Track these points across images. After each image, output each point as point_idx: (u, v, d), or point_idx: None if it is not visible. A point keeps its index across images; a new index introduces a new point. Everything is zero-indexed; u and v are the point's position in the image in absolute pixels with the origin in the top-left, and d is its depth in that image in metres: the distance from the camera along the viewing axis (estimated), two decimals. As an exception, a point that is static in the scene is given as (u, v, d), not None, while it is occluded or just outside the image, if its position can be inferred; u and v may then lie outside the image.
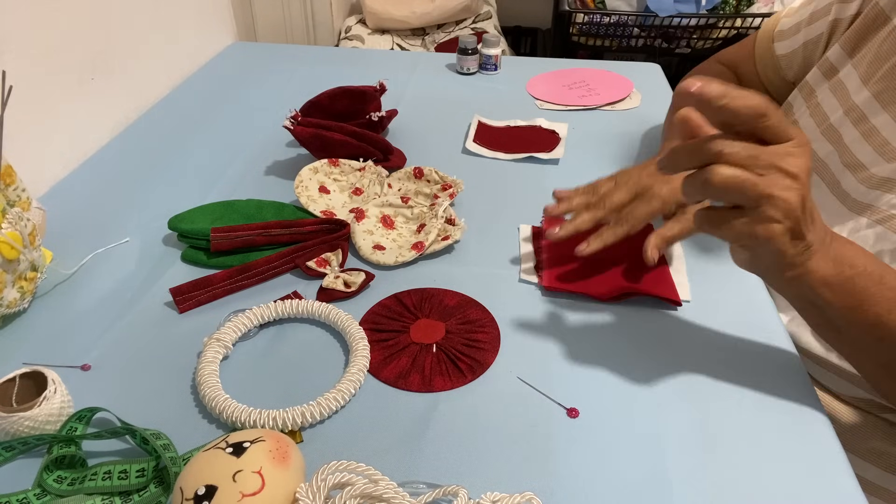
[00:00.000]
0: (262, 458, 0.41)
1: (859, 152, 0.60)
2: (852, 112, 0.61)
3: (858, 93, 0.61)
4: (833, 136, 0.63)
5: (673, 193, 0.62)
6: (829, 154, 0.63)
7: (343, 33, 1.65)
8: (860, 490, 0.48)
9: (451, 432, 0.51)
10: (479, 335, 0.60)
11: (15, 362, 0.56)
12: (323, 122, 0.83)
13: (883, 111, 0.59)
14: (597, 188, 0.66)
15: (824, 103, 0.64)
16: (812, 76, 0.68)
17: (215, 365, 0.55)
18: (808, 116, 0.66)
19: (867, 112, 0.60)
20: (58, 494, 0.46)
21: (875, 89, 0.60)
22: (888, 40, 0.60)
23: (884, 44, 0.60)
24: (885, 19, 0.61)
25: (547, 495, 0.46)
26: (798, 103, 0.69)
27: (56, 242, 0.68)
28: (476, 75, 1.17)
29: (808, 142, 0.42)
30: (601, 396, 0.54)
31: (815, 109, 0.65)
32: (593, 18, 1.64)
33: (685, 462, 0.49)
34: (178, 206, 0.73)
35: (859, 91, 0.61)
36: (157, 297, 0.64)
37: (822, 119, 0.65)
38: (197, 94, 1.08)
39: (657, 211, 0.62)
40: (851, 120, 0.61)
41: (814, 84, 0.68)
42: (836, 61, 0.65)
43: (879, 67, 0.60)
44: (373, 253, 0.69)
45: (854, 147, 0.60)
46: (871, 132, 0.59)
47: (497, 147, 0.92)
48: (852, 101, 0.62)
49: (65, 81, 0.85)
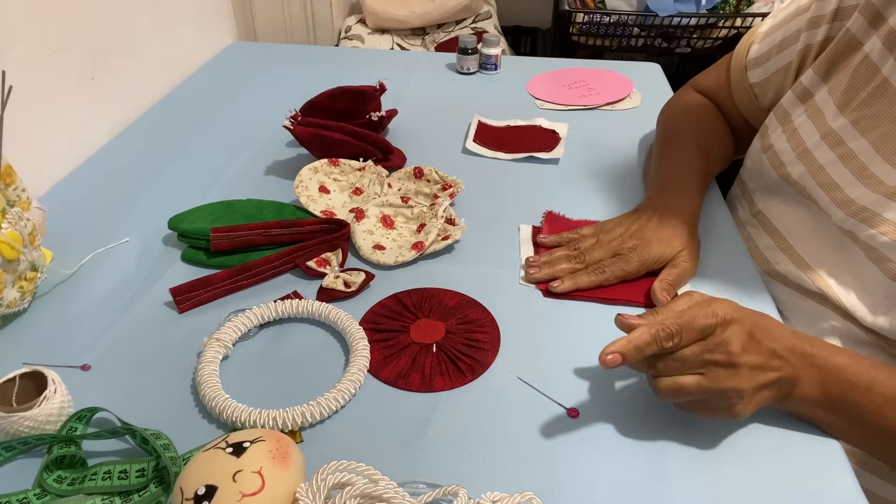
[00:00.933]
0: (262, 458, 0.41)
1: (836, 174, 0.60)
2: (829, 136, 0.62)
3: (835, 119, 0.62)
4: (807, 158, 0.64)
5: (652, 258, 0.65)
6: (802, 175, 0.64)
7: (343, 33, 1.65)
8: (860, 490, 0.48)
9: (451, 432, 0.51)
10: (479, 335, 0.60)
11: (15, 362, 0.56)
12: (323, 121, 0.83)
13: (861, 137, 0.59)
14: (579, 242, 0.69)
15: (801, 129, 0.65)
16: (786, 100, 0.69)
17: (215, 365, 0.55)
18: (784, 141, 0.67)
19: (844, 137, 0.60)
20: (58, 494, 0.46)
21: (852, 117, 0.60)
22: (861, 68, 0.60)
23: (857, 71, 0.60)
24: (857, 45, 0.61)
25: (547, 495, 0.46)
26: (773, 126, 0.69)
27: (56, 242, 0.68)
28: (476, 75, 1.17)
29: (726, 314, 0.46)
30: (601, 396, 0.54)
31: (792, 134, 0.66)
32: (593, 18, 1.63)
33: (685, 462, 0.49)
34: (178, 206, 0.73)
35: (836, 118, 0.61)
36: (157, 297, 0.64)
37: (798, 143, 0.65)
38: (197, 94, 1.08)
39: (633, 272, 0.65)
40: (828, 144, 0.62)
41: (788, 107, 0.68)
42: (810, 85, 0.65)
43: (855, 96, 0.60)
44: (373, 253, 0.69)
45: (830, 169, 0.61)
46: (849, 156, 0.59)
47: (497, 147, 0.92)
48: (829, 127, 0.62)
49: (65, 81, 0.85)
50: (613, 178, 0.85)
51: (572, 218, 0.76)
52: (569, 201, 0.80)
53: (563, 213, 0.77)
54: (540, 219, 0.76)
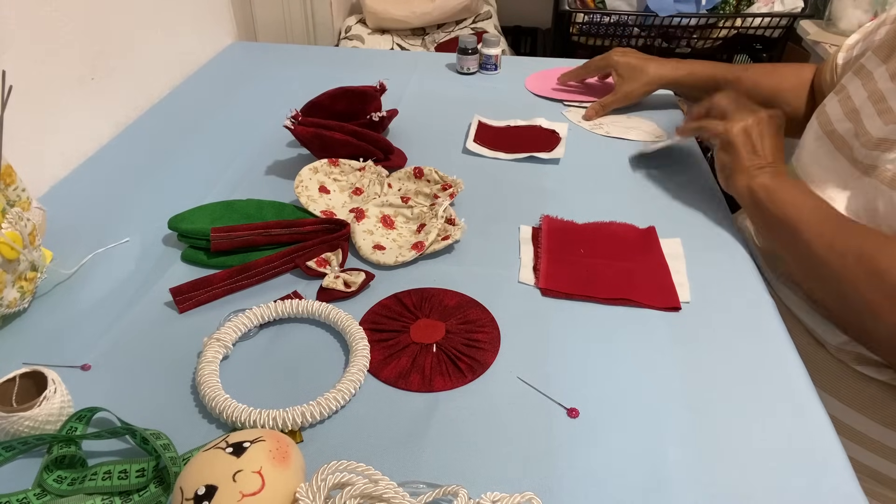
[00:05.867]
0: (262, 458, 0.41)
1: (872, 128, 0.65)
2: (874, 95, 0.67)
3: (882, 81, 0.67)
4: (854, 116, 0.68)
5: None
6: (847, 131, 0.69)
7: (343, 33, 1.65)
8: (860, 490, 0.48)
9: (451, 432, 0.51)
10: (479, 335, 0.60)
11: (15, 362, 0.56)
12: (323, 122, 0.83)
13: None
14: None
15: (853, 94, 0.71)
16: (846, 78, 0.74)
17: (215, 365, 0.55)
18: (836, 103, 0.73)
19: (888, 97, 0.65)
20: (58, 494, 0.46)
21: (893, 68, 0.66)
22: None
23: None
24: None
25: (547, 495, 0.46)
26: (830, 98, 0.75)
27: (56, 242, 0.68)
28: (476, 75, 1.17)
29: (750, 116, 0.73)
30: (601, 396, 0.54)
31: (845, 101, 0.72)
32: (593, 18, 1.63)
33: (685, 462, 0.49)
34: (178, 206, 0.73)
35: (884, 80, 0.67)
36: (157, 297, 0.64)
37: (848, 105, 0.71)
38: (197, 94, 1.08)
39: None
40: (872, 101, 0.66)
41: (846, 83, 0.73)
42: (869, 65, 0.70)
43: None
44: (373, 253, 0.69)
45: (868, 123, 0.66)
46: (888, 111, 0.64)
47: (497, 147, 0.92)
48: (877, 87, 0.67)
49: (65, 81, 0.85)
50: (614, 178, 0.85)
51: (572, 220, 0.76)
52: (569, 201, 0.80)
53: (563, 213, 0.77)
54: (539, 219, 0.76)
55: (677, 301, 0.64)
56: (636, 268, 0.68)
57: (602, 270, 0.68)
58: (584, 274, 0.67)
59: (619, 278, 0.66)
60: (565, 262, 0.69)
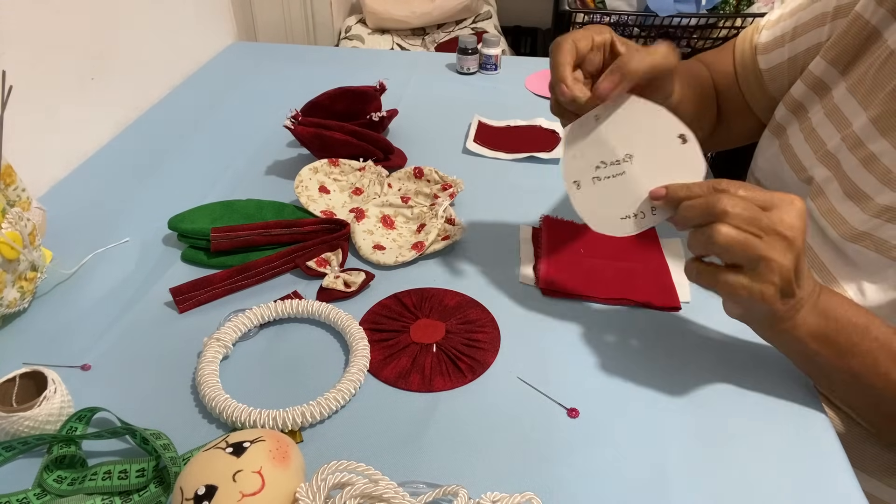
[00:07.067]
0: (262, 458, 0.41)
1: (861, 181, 0.58)
2: (849, 139, 0.60)
3: (855, 117, 0.60)
4: (831, 162, 0.62)
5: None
6: (826, 180, 0.62)
7: (343, 33, 1.65)
8: (860, 490, 0.48)
9: (451, 432, 0.51)
10: (479, 335, 0.60)
11: (15, 362, 0.56)
12: (323, 121, 0.83)
13: (881, 137, 0.57)
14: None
15: (820, 129, 0.64)
16: (797, 89, 0.67)
17: (215, 365, 0.55)
18: (802, 142, 0.66)
19: (864, 138, 0.59)
20: (58, 494, 0.46)
21: (873, 114, 0.58)
22: (887, 65, 0.58)
23: (882, 69, 0.58)
24: (877, 36, 0.59)
25: (547, 495, 0.46)
26: (792, 126, 0.68)
27: (56, 242, 0.68)
28: (476, 75, 1.17)
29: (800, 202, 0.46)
30: (601, 396, 0.54)
31: (810, 134, 0.65)
32: (593, 18, 1.63)
33: (685, 462, 0.49)
34: (178, 206, 0.73)
35: (856, 116, 0.60)
36: (157, 297, 0.64)
37: (818, 145, 0.64)
38: (197, 94, 1.08)
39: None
40: (848, 146, 0.60)
41: (802, 100, 0.66)
42: (824, 76, 0.64)
43: (879, 93, 0.58)
44: (373, 253, 0.69)
45: (854, 175, 0.59)
46: (871, 159, 0.58)
47: (497, 147, 0.92)
48: (850, 129, 0.60)
49: (65, 81, 0.85)
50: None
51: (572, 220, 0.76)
52: (569, 201, 0.79)
53: (563, 213, 0.77)
54: (539, 219, 0.76)
55: (677, 301, 0.64)
56: (636, 268, 0.68)
57: (602, 270, 0.68)
58: (584, 274, 0.67)
59: (619, 278, 0.66)
60: (565, 262, 0.69)
